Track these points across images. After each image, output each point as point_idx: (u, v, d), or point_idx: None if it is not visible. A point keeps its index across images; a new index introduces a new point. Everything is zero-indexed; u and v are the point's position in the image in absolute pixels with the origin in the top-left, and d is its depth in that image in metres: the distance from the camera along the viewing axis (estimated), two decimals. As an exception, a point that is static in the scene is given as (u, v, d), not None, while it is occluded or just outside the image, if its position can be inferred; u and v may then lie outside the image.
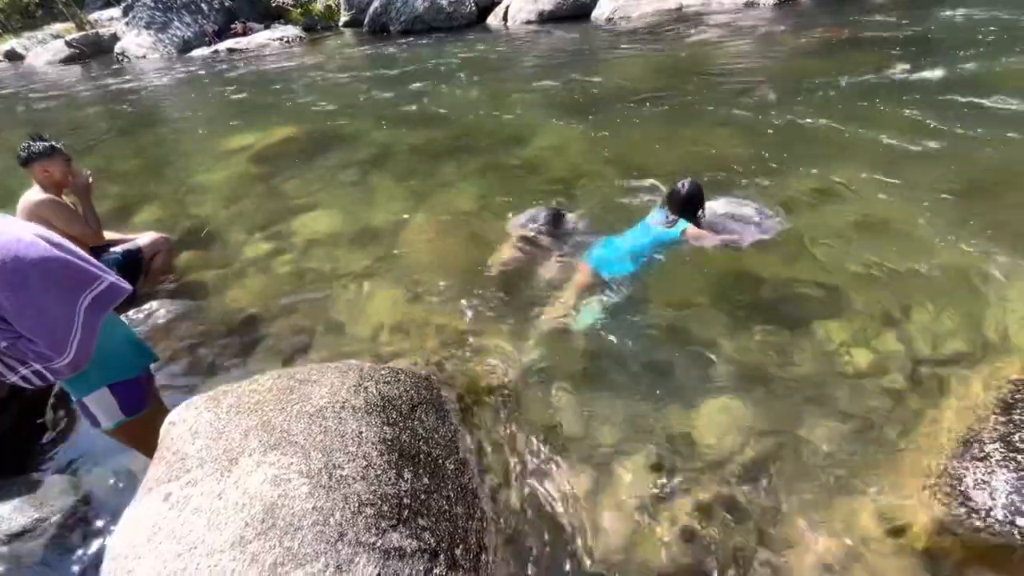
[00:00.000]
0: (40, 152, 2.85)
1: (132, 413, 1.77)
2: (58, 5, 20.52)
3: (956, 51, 6.38)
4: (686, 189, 3.08)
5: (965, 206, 3.30)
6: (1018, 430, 1.79)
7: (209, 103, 9.59)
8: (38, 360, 1.45)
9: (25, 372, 1.48)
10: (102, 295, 1.56)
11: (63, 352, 1.45)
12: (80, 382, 1.67)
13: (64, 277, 1.47)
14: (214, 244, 4.14)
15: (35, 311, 1.40)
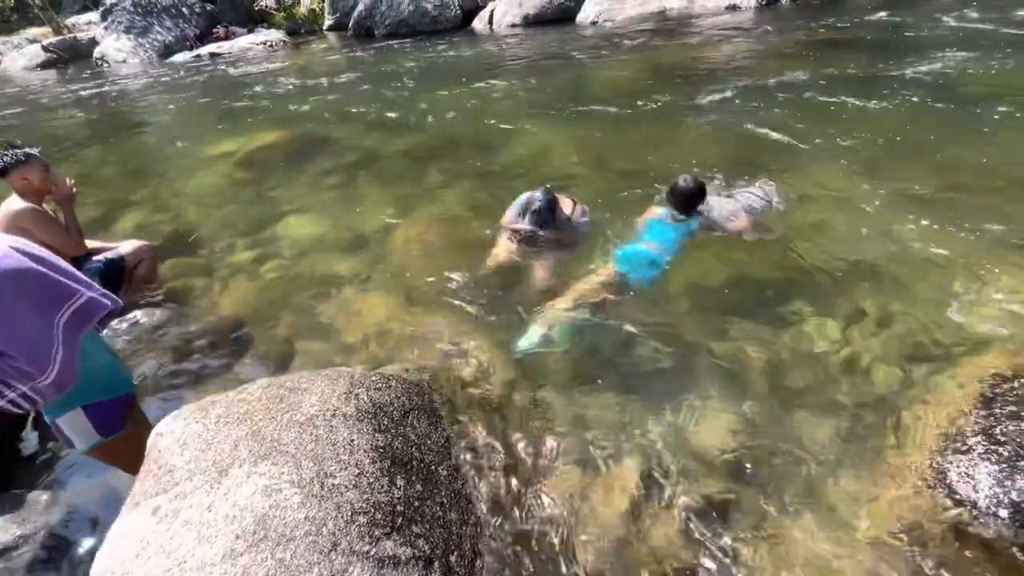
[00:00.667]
0: (15, 160, 2.79)
1: (109, 435, 1.70)
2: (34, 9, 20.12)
3: (931, 53, 6.54)
4: (691, 184, 3.09)
5: (943, 204, 3.37)
6: (999, 423, 1.83)
7: (191, 108, 9.46)
8: (21, 380, 1.40)
9: (12, 396, 1.42)
10: (81, 310, 1.52)
11: (46, 369, 1.41)
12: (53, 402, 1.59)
13: (39, 290, 1.43)
14: (199, 251, 4.08)
15: (11, 325, 1.36)
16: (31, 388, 1.41)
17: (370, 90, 8.78)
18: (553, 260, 3.25)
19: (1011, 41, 6.72)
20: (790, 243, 3.19)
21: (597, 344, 2.66)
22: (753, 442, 2.08)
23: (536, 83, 7.80)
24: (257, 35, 16.08)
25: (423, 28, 14.06)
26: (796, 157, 4.27)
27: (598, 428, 2.20)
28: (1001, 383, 2.04)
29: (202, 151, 6.52)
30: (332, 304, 3.19)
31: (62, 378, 1.44)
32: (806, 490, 1.90)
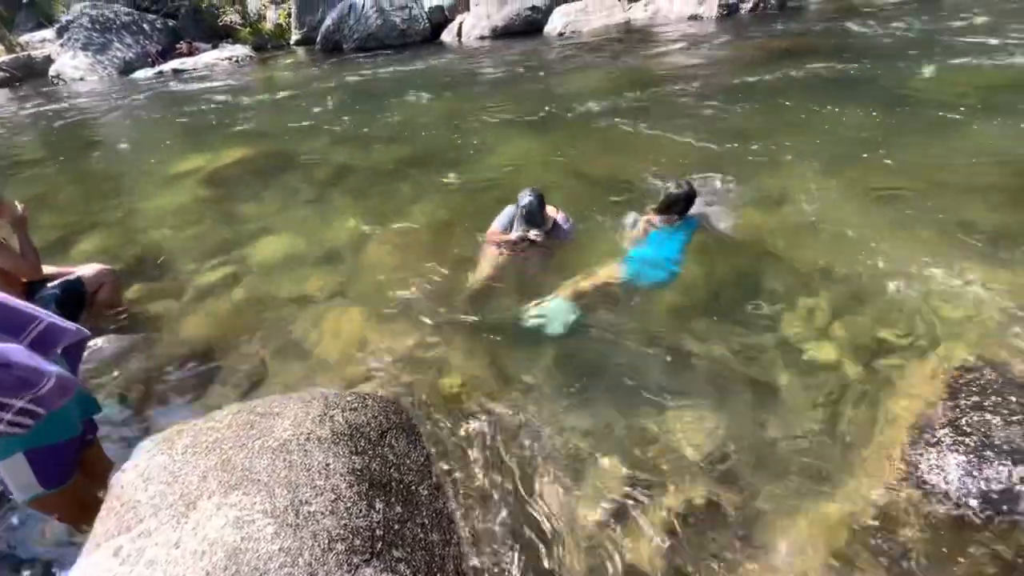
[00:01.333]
0: None
1: (53, 486, 1.52)
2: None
3: (883, 59, 6.84)
4: (685, 189, 3.16)
5: (904, 202, 3.51)
6: (964, 415, 1.89)
7: (154, 126, 9.21)
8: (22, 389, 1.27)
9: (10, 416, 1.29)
10: (40, 338, 1.44)
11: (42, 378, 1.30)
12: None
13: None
14: (164, 273, 3.95)
15: None
16: (32, 398, 1.30)
17: (339, 104, 8.70)
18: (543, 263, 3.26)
19: (954, 47, 7.09)
20: (761, 245, 3.26)
21: (577, 350, 2.66)
22: (733, 443, 2.10)
23: (506, 94, 7.85)
24: (222, 51, 15.79)
25: (392, 42, 14.04)
26: (762, 161, 4.39)
27: (580, 436, 2.19)
28: (965, 374, 2.11)
29: (165, 170, 6.34)
30: (305, 322, 3.11)
31: (63, 381, 1.34)
32: (786, 488, 1.92)
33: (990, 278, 2.69)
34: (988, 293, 2.60)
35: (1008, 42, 6.94)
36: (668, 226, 3.24)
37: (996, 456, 1.72)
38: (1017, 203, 3.33)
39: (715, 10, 11.31)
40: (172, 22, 17.20)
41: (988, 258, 2.85)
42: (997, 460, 1.71)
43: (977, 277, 2.71)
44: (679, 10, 11.74)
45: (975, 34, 7.60)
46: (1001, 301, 2.54)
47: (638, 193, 4.06)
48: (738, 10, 11.37)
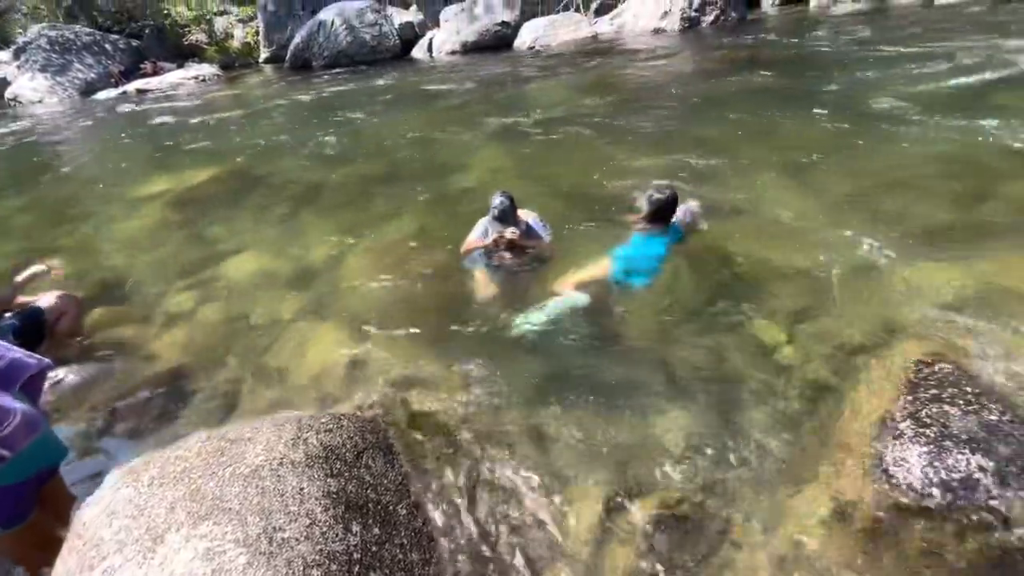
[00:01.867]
0: None
1: (7, 525, 1.47)
2: (-65, 50, 18.66)
3: (836, 69, 7.15)
4: (668, 193, 3.21)
5: (859, 206, 3.65)
6: (924, 407, 1.97)
7: (118, 147, 8.99)
8: None
9: None
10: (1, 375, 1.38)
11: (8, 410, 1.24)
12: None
13: None
14: (130, 298, 3.84)
15: None
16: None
17: (310, 121, 8.65)
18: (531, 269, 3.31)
19: (899, 56, 7.46)
20: (727, 250, 3.35)
21: (554, 361, 2.67)
22: (708, 447, 2.14)
23: (477, 108, 7.93)
24: (188, 70, 15.56)
25: (362, 58, 14.06)
26: (725, 169, 4.52)
27: (559, 448, 2.19)
28: (923, 368, 2.20)
29: (130, 192, 6.18)
30: (279, 344, 3.06)
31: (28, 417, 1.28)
32: (760, 490, 1.96)
33: (940, 274, 2.82)
34: (939, 289, 2.72)
35: (946, 51, 7.35)
36: (652, 233, 3.29)
37: (955, 446, 1.79)
38: (961, 202, 3.50)
39: (678, 24, 11.67)
40: (136, 42, 16.91)
41: (938, 255, 2.98)
42: (956, 449, 1.78)
43: (928, 274, 2.83)
44: (643, 24, 12.08)
45: (917, 44, 8.02)
46: (951, 296, 2.66)
47: (609, 202, 4.13)
48: (699, 23, 11.75)
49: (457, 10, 13.73)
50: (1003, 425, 1.83)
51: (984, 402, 1.94)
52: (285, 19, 15.88)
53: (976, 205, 3.47)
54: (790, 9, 13.10)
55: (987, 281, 2.74)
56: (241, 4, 18.23)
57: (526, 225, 3.38)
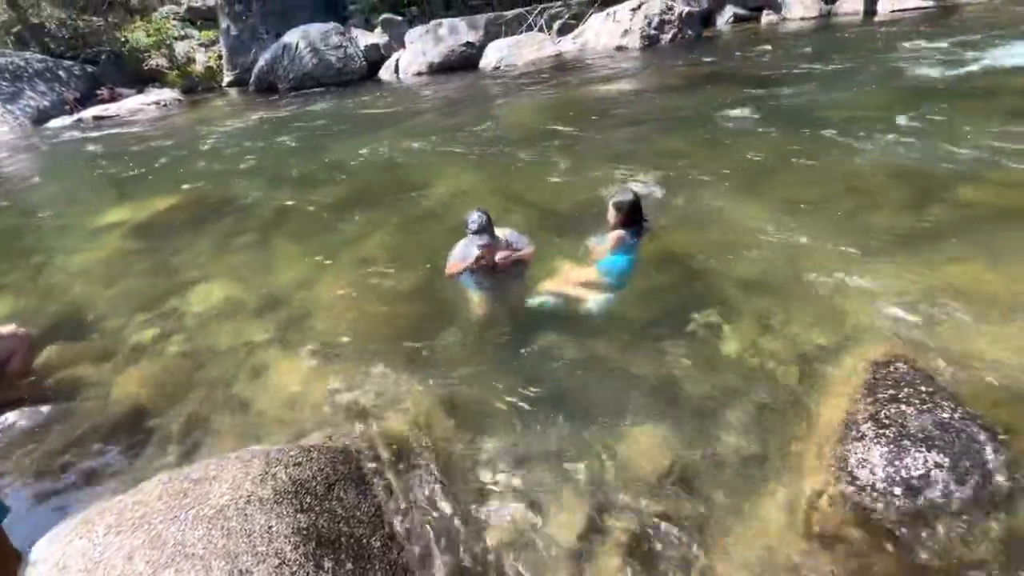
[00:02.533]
0: None
1: None
2: None
3: (789, 83, 7.50)
4: (631, 194, 3.27)
5: (816, 214, 3.80)
6: (883, 407, 2.05)
7: (73, 176, 8.70)
8: None
9: None
10: None
11: None
12: None
13: None
14: (87, 333, 3.68)
15: None
16: None
17: (276, 145, 8.55)
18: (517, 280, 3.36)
19: (845, 70, 7.88)
20: (690, 262, 3.43)
21: (527, 379, 2.67)
22: (682, 457, 2.17)
23: (446, 127, 7.99)
24: (148, 95, 15.22)
25: (329, 80, 14.02)
26: (686, 182, 4.66)
27: (536, 469, 2.19)
28: (880, 369, 2.29)
29: (86, 222, 5.97)
30: (246, 375, 2.98)
31: None
32: (734, 497, 1.99)
33: (892, 277, 2.96)
34: (892, 291, 2.84)
35: (886, 63, 7.80)
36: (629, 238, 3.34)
37: (912, 445, 1.86)
38: (909, 210, 3.69)
39: (638, 42, 12.06)
40: (92, 68, 16.48)
41: (889, 260, 3.13)
42: (914, 448, 1.85)
43: (881, 277, 2.97)
44: (605, 43, 12.44)
45: (859, 57, 8.49)
46: (903, 297, 2.79)
47: (579, 216, 4.20)
48: (659, 41, 12.17)
49: (422, 31, 13.88)
50: (955, 422, 1.92)
51: (937, 400, 2.03)
52: (248, 42, 15.76)
53: (920, 210, 3.66)
54: (742, 27, 13.70)
55: (935, 282, 2.89)
56: (202, 28, 18.02)
57: (505, 241, 3.39)
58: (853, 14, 13.20)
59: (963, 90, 6.30)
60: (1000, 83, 6.33)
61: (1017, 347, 2.38)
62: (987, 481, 1.79)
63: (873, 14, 12.91)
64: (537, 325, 3.05)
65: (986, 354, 2.36)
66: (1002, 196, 3.71)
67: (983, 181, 3.94)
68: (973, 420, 1.95)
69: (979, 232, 3.32)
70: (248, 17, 15.62)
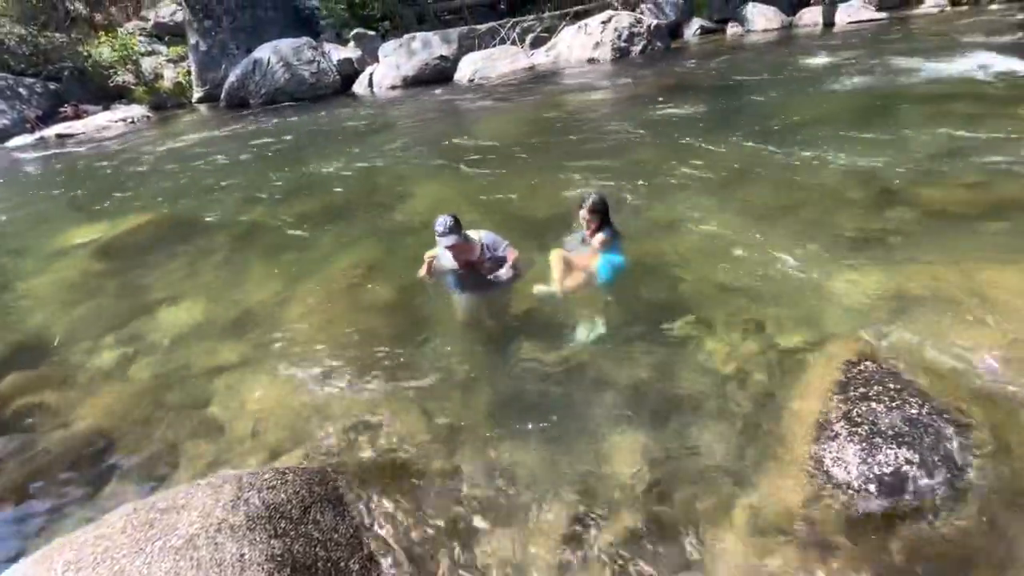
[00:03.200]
0: None
1: None
2: None
3: (755, 92, 7.73)
4: (597, 195, 3.34)
5: (785, 218, 3.91)
6: (855, 406, 2.09)
7: (35, 196, 8.39)
8: None
9: None
10: None
11: None
12: None
13: None
14: (50, 360, 3.54)
15: None
16: None
17: (247, 161, 8.42)
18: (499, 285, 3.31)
19: (807, 79, 8.17)
20: (664, 268, 3.48)
21: (506, 390, 2.66)
22: (661, 463, 2.17)
23: (420, 140, 7.99)
24: (115, 112, 14.86)
25: (302, 95, 13.91)
26: (658, 189, 4.74)
27: (517, 482, 2.17)
28: (851, 368, 2.34)
29: (51, 244, 5.76)
30: (218, 397, 2.89)
31: None
32: (714, 501, 2.00)
33: (858, 279, 3.04)
34: (859, 291, 2.93)
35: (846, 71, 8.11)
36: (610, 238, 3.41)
37: (884, 442, 1.90)
38: (871, 213, 3.82)
39: (609, 54, 12.31)
40: (55, 85, 16.02)
41: (857, 261, 3.22)
42: (885, 445, 1.89)
43: (848, 279, 3.05)
44: (577, 55, 12.66)
45: (820, 66, 8.82)
46: (870, 298, 2.87)
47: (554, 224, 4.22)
48: (629, 53, 12.45)
49: (396, 45, 13.90)
50: (923, 417, 1.98)
51: (905, 396, 2.09)
52: (219, 58, 15.55)
53: (881, 213, 3.79)
54: (709, 38, 14.12)
55: (898, 282, 2.98)
56: (171, 44, 17.72)
57: (480, 242, 3.37)
58: (813, 26, 13.74)
59: (916, 97, 6.59)
60: (948, 90, 6.65)
61: (978, 341, 2.47)
62: (955, 474, 1.84)
63: (831, 26, 13.46)
64: (516, 334, 3.04)
65: (949, 349, 2.44)
66: (956, 197, 3.87)
67: (938, 183, 4.11)
68: (940, 415, 2.01)
69: (939, 233, 3.45)
70: (218, 33, 15.43)
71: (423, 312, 3.39)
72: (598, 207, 3.31)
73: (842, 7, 13.74)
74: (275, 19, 15.74)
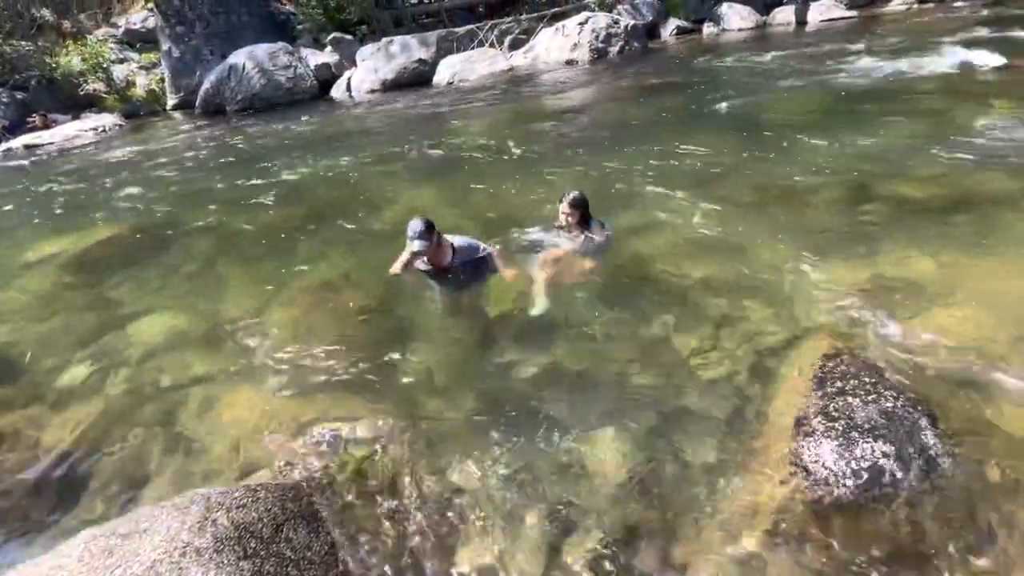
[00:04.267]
0: None
1: None
2: None
3: (733, 90, 7.81)
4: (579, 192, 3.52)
5: (763, 214, 3.94)
6: (831, 401, 2.10)
7: (2, 209, 8.13)
8: None
9: None
10: None
11: None
12: None
13: None
14: (15, 379, 3.40)
15: None
16: None
17: (224, 168, 8.26)
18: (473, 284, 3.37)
19: (782, 76, 8.28)
20: (643, 266, 3.48)
21: (484, 393, 2.63)
22: (643, 463, 2.16)
23: (399, 144, 7.91)
24: (85, 121, 14.47)
25: (279, 100, 13.70)
26: (641, 187, 4.75)
27: (498, 491, 2.13)
28: (827, 363, 2.36)
29: (15, 258, 5.57)
30: (189, 412, 2.81)
31: None
32: (694, 499, 2.00)
33: (835, 273, 3.08)
34: (835, 286, 2.96)
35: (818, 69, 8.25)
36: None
37: (860, 436, 1.91)
38: (845, 207, 3.87)
39: (587, 55, 12.35)
40: (22, 95, 15.59)
41: (833, 256, 3.26)
42: (861, 439, 1.90)
43: (824, 274, 3.09)
44: (556, 56, 12.68)
45: (793, 64, 8.95)
46: (846, 292, 2.90)
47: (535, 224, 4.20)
48: (607, 54, 12.50)
49: (373, 49, 13.78)
50: (898, 410, 1.99)
51: (881, 390, 2.10)
52: (192, 64, 15.26)
53: (855, 208, 3.84)
54: (685, 38, 14.26)
55: (874, 276, 3.02)
56: (142, 51, 17.36)
57: (451, 244, 3.38)
58: (786, 24, 13.96)
59: (887, 92, 6.71)
60: (919, 85, 6.80)
61: (951, 332, 2.50)
62: (931, 464, 1.85)
63: (804, 24, 13.70)
64: (495, 337, 3.02)
65: (923, 341, 2.47)
66: (927, 191, 3.94)
67: (909, 178, 4.19)
68: (915, 407, 2.03)
69: (910, 226, 3.51)
70: (191, 39, 15.15)
71: (400, 320, 3.35)
72: (578, 202, 3.42)
73: (814, 6, 13.98)
74: (250, 24, 15.50)
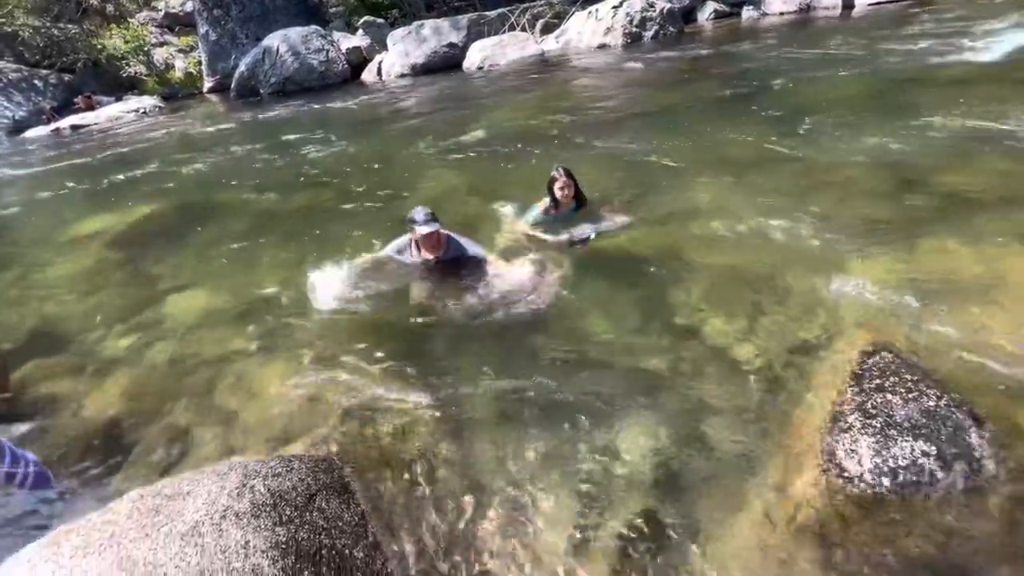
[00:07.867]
0: None
1: None
2: None
3: (768, 76, 7.52)
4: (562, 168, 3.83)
5: (802, 205, 3.80)
6: (870, 397, 2.04)
7: (49, 187, 8.48)
8: None
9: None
10: None
11: None
12: None
13: None
14: (65, 348, 3.59)
15: None
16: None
17: (259, 150, 8.43)
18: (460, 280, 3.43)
19: (824, 63, 7.93)
20: (677, 256, 3.42)
21: (510, 377, 2.64)
22: (671, 456, 2.14)
23: (430, 128, 7.93)
24: (127, 103, 14.97)
25: (312, 84, 13.87)
26: (671, 176, 4.65)
27: (524, 471, 2.15)
28: (866, 359, 2.28)
29: (63, 234, 5.84)
30: (227, 385, 2.91)
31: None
32: (725, 494, 1.97)
33: (876, 267, 2.96)
34: (877, 280, 2.85)
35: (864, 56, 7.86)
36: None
37: (899, 434, 1.85)
38: (889, 199, 3.70)
39: (620, 39, 12.08)
40: (69, 77, 16.19)
41: (873, 249, 3.13)
42: (901, 438, 1.84)
43: (865, 267, 2.97)
44: (588, 41, 12.44)
45: (838, 50, 8.56)
46: (888, 286, 2.79)
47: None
48: (641, 38, 12.19)
49: (404, 33, 13.77)
50: (940, 409, 1.92)
51: (923, 388, 2.02)
52: (228, 48, 15.56)
53: (899, 200, 3.67)
54: (723, 22, 13.77)
55: (918, 270, 2.90)
56: (181, 35, 17.78)
57: (448, 238, 3.46)
58: (831, 8, 13.31)
59: (938, 81, 6.36)
60: (972, 73, 6.41)
61: (999, 330, 2.39)
62: (974, 467, 1.79)
63: (851, 8, 13.02)
64: (520, 326, 3.02)
65: (969, 339, 2.37)
66: (977, 183, 3.74)
67: (959, 169, 3.97)
68: (959, 407, 1.95)
69: (958, 219, 3.33)
70: (227, 22, 15.42)
71: (433, 304, 3.38)
72: (572, 173, 3.78)
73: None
74: (284, 8, 15.67)
